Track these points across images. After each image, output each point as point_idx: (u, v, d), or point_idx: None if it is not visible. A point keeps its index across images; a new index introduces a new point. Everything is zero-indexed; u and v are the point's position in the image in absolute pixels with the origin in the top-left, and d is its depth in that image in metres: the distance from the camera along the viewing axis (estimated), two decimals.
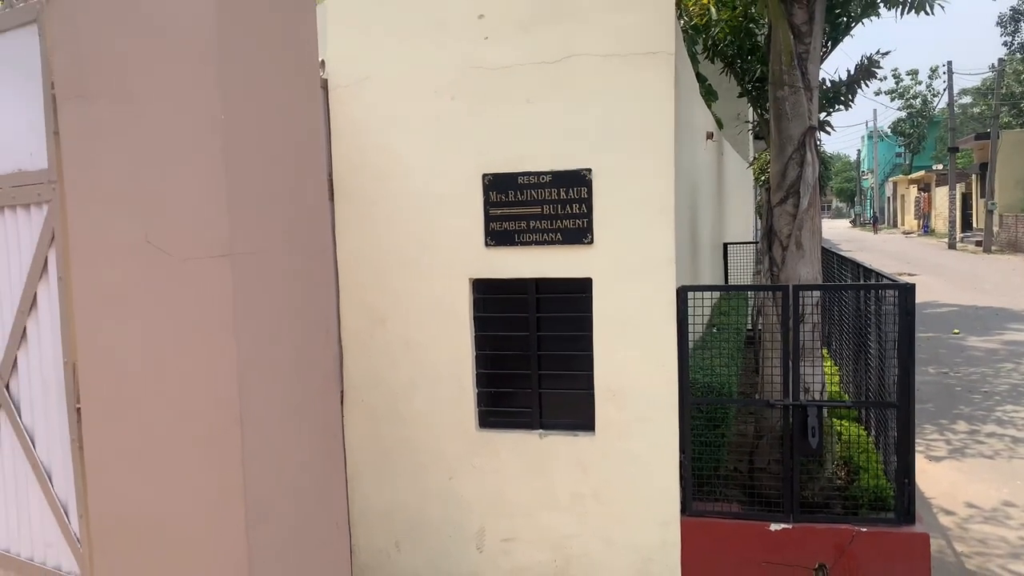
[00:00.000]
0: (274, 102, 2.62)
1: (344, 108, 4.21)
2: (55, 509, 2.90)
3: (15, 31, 2.82)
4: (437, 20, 4.09)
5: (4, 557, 3.08)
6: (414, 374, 4.23)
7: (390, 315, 4.24)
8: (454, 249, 4.12)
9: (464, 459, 4.20)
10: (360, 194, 4.21)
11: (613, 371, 3.96)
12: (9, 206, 2.92)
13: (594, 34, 3.86)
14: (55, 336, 2.83)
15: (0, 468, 3.07)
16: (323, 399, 2.85)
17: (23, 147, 2.86)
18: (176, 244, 2.46)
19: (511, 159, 4.01)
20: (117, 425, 2.61)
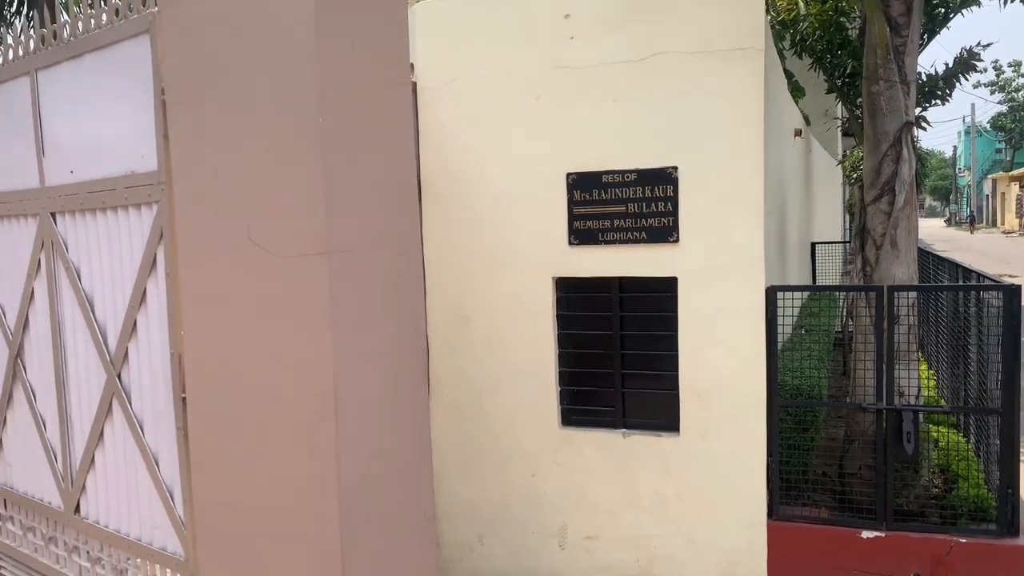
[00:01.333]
0: (368, 105, 2.69)
1: (431, 110, 4.30)
2: (161, 493, 3.05)
3: (129, 41, 2.98)
4: (523, 22, 4.13)
5: (115, 536, 3.27)
6: (498, 371, 4.28)
7: (474, 313, 4.30)
8: (537, 248, 4.15)
9: (547, 456, 4.23)
10: (445, 194, 4.29)
11: (699, 371, 3.92)
12: (122, 206, 3.09)
13: (681, 31, 3.83)
14: (163, 329, 2.98)
15: (113, 453, 3.26)
16: (413, 394, 2.92)
17: (135, 151, 3.02)
18: (276, 242, 2.56)
19: (595, 158, 4.01)
20: (219, 414, 2.73)
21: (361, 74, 2.64)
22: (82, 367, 3.36)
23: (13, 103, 3.54)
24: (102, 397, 3.25)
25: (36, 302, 3.55)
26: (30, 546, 3.81)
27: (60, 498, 3.54)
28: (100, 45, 3.08)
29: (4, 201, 3.65)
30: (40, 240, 3.45)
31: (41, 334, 3.54)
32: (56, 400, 3.49)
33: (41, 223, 3.43)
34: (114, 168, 3.09)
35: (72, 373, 3.41)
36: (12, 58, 3.52)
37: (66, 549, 3.56)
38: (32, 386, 3.66)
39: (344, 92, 2.56)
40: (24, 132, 3.48)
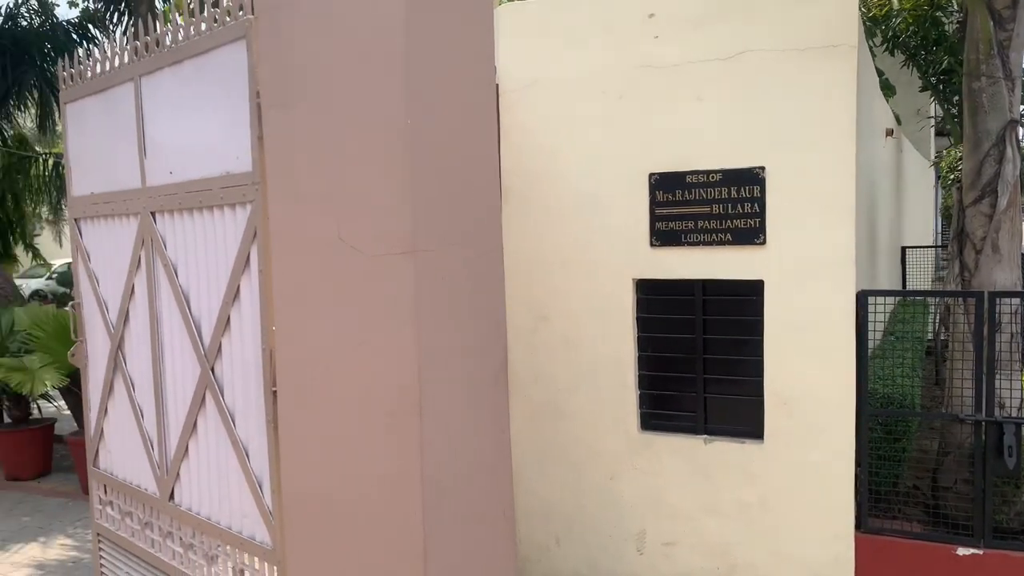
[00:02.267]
0: (453, 107, 2.73)
1: (513, 112, 4.31)
2: (251, 483, 3.15)
3: (226, 47, 3.09)
4: (606, 21, 4.11)
5: (207, 523, 3.39)
6: (575, 372, 4.27)
7: (553, 312, 4.30)
8: (618, 249, 4.12)
9: (625, 460, 4.19)
10: (525, 194, 4.30)
11: (785, 378, 3.82)
12: (218, 206, 3.20)
13: (770, 28, 3.74)
14: (255, 325, 3.08)
15: (206, 443, 3.38)
16: (493, 393, 2.94)
17: (231, 152, 3.13)
18: (365, 241, 2.62)
19: (679, 158, 3.96)
20: (308, 408, 2.81)
21: (447, 77, 2.68)
22: (178, 360, 3.50)
23: (118, 108, 3.73)
24: (196, 389, 3.38)
25: (136, 297, 3.72)
26: (128, 530, 3.99)
27: (156, 485, 3.70)
28: (199, 51, 3.21)
29: (108, 201, 3.83)
30: (140, 238, 3.61)
31: (140, 328, 3.71)
32: (153, 391, 3.65)
33: (142, 222, 3.59)
34: (211, 169, 3.21)
35: (168, 366, 3.56)
36: (118, 65, 3.70)
37: (161, 534, 3.71)
38: (131, 378, 3.84)
39: (431, 94, 2.60)
40: (128, 135, 3.65)
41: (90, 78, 3.95)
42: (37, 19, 10.21)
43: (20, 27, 10.06)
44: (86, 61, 3.99)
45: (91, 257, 4.07)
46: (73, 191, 4.18)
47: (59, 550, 5.80)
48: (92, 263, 4.06)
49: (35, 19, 10.21)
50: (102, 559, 4.24)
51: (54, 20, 10.21)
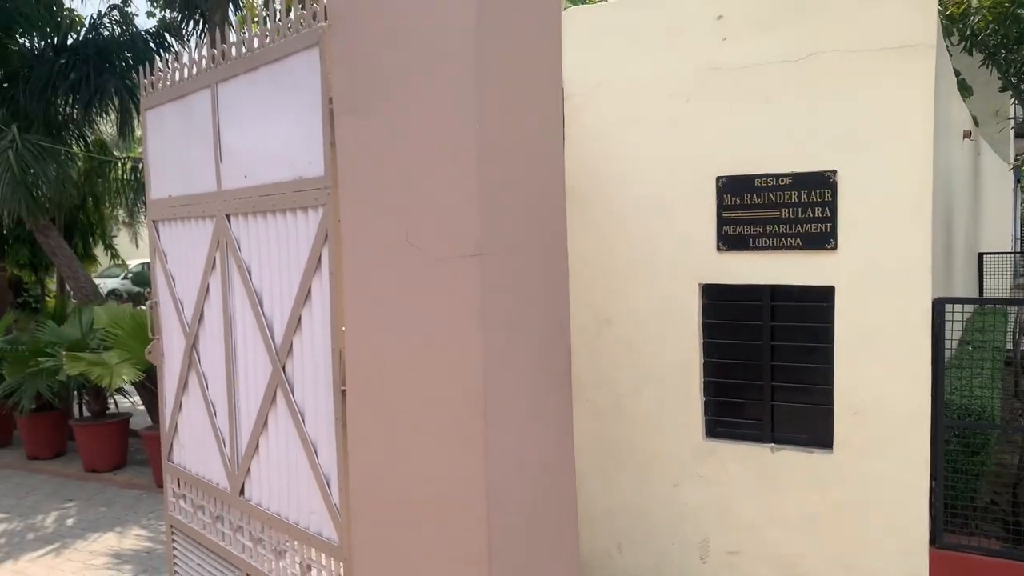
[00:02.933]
0: (522, 112, 2.75)
1: (578, 115, 4.31)
2: (319, 480, 3.21)
3: (300, 54, 3.17)
4: (673, 24, 4.08)
5: (275, 519, 3.48)
6: (639, 377, 4.24)
7: (616, 316, 4.28)
8: (683, 253, 4.08)
9: (689, 467, 4.14)
10: (589, 198, 4.29)
11: (856, 386, 3.72)
12: (290, 209, 3.29)
13: (843, 29, 3.66)
14: (325, 325, 3.14)
15: (276, 440, 3.47)
16: (557, 397, 2.94)
17: (303, 157, 3.21)
18: (432, 244, 2.65)
19: (747, 161, 3.90)
20: (376, 407, 2.86)
21: (516, 82, 2.69)
22: (250, 358, 3.60)
23: (195, 114, 3.85)
24: (267, 387, 3.47)
25: (211, 297, 3.84)
26: (199, 523, 4.12)
27: (227, 480, 3.81)
28: (273, 59, 3.30)
29: (185, 204, 3.97)
30: (216, 240, 3.73)
31: (215, 327, 3.83)
32: (226, 388, 3.76)
33: (217, 224, 3.71)
34: (284, 174, 3.29)
35: (241, 364, 3.66)
36: (195, 72, 3.83)
37: (231, 528, 3.82)
38: (205, 375, 3.96)
39: (499, 100, 2.62)
40: (204, 140, 3.78)
41: (169, 85, 4.09)
42: (118, 29, 10.63)
43: (102, 37, 10.49)
44: (165, 69, 4.14)
45: (168, 258, 4.22)
46: (152, 194, 4.34)
47: (134, 540, 6.02)
48: (169, 264, 4.21)
49: (116, 29, 10.63)
50: (175, 550, 4.38)
51: (134, 30, 10.62)
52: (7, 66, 10.55)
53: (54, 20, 10.91)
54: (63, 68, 9.72)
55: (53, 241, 9.08)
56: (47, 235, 9.03)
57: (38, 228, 8.93)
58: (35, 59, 10.35)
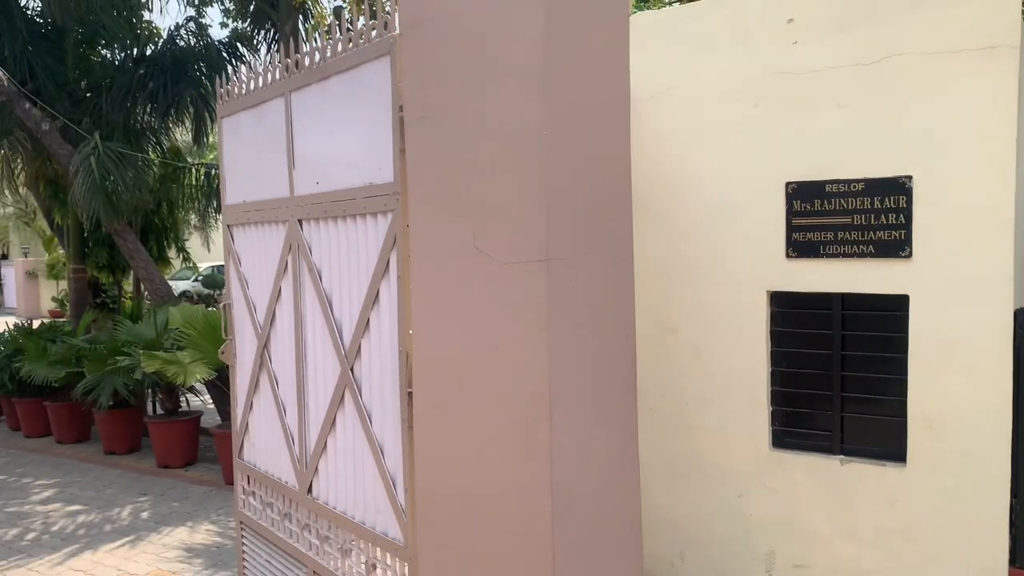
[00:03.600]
0: (589, 118, 2.75)
1: (644, 120, 4.29)
2: (385, 480, 3.27)
3: (371, 63, 3.25)
4: (742, 27, 4.03)
5: (342, 518, 3.54)
6: (704, 386, 4.19)
7: (681, 324, 4.24)
8: (751, 260, 4.02)
9: (755, 477, 4.07)
10: (654, 204, 4.27)
11: (931, 398, 3.60)
12: (360, 214, 3.36)
13: (920, 31, 3.56)
14: (393, 328, 3.20)
15: (343, 440, 3.54)
16: (622, 403, 2.93)
17: (374, 164, 3.27)
18: (499, 249, 2.68)
19: (818, 167, 3.82)
20: (442, 409, 2.89)
21: (584, 87, 2.70)
22: (319, 360, 3.68)
23: (269, 122, 3.97)
24: (336, 388, 3.55)
25: (282, 299, 3.95)
26: (268, 520, 4.23)
27: (295, 478, 3.90)
28: (345, 68, 3.38)
29: (259, 209, 4.09)
30: (288, 244, 3.83)
31: (286, 328, 3.93)
32: (296, 389, 3.85)
33: (289, 228, 3.81)
34: (354, 180, 3.37)
35: (311, 365, 3.75)
36: (270, 81, 3.95)
37: (299, 526, 3.91)
38: (276, 375, 4.07)
39: (567, 105, 2.63)
40: (278, 147, 3.89)
41: (244, 94, 4.23)
42: (194, 39, 11.02)
43: (179, 48, 10.89)
44: (241, 78, 4.27)
45: (242, 261, 4.35)
46: (227, 199, 4.49)
47: (204, 535, 6.21)
48: (243, 267, 4.34)
49: (192, 40, 11.03)
50: (244, 546, 4.51)
51: (208, 40, 10.99)
52: (90, 77, 11.05)
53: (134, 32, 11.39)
54: (142, 78, 10.13)
55: (130, 244, 9.45)
56: (125, 238, 9.39)
57: (116, 231, 9.30)
58: (116, 70, 10.81)
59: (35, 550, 5.99)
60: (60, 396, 9.43)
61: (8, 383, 9.82)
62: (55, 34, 10.48)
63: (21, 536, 6.31)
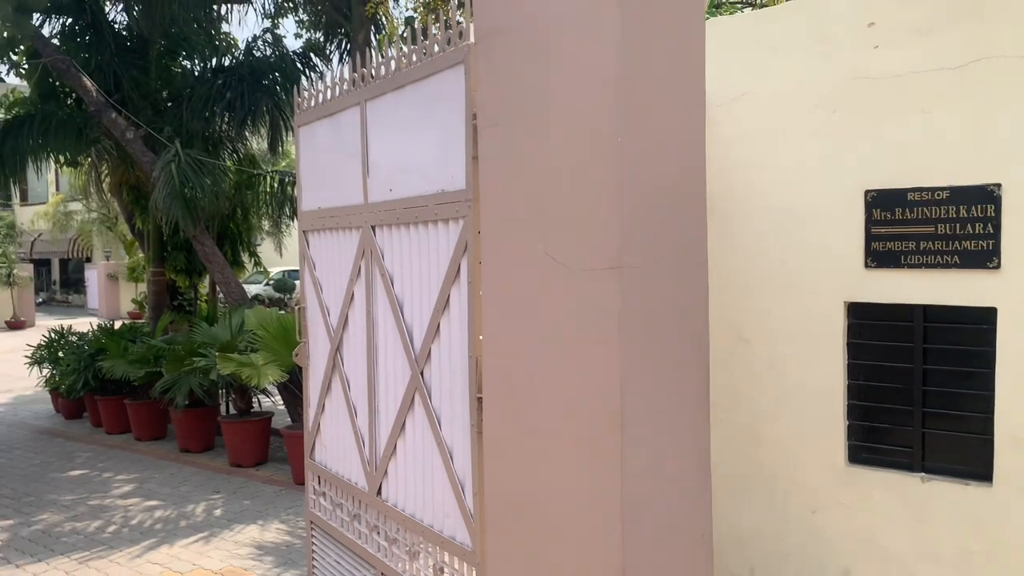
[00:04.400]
0: (664, 124, 2.73)
1: (717, 126, 4.23)
2: (454, 485, 3.29)
3: (445, 72, 3.28)
4: (820, 32, 3.94)
5: (411, 520, 3.58)
6: (776, 397, 4.09)
7: (753, 334, 4.16)
8: (827, 269, 3.91)
9: (830, 493, 3.95)
10: (728, 211, 4.20)
11: (1019, 416, 3.44)
12: (432, 221, 3.40)
13: (1011, 33, 3.42)
14: (463, 333, 3.22)
15: (413, 444, 3.58)
16: (695, 413, 2.89)
17: (446, 171, 3.31)
18: (571, 256, 2.67)
19: (899, 174, 3.70)
20: (511, 416, 2.90)
21: (659, 94, 2.68)
22: (390, 363, 3.73)
23: (344, 130, 4.06)
24: (406, 392, 3.59)
25: (355, 304, 4.02)
26: (338, 520, 4.30)
27: (365, 480, 3.96)
28: (419, 77, 3.43)
29: (334, 215, 4.18)
30: (361, 249, 3.90)
31: (358, 332, 4.00)
32: (367, 391, 3.92)
33: (363, 234, 3.88)
34: (427, 187, 3.41)
35: (382, 368, 3.81)
36: (346, 90, 4.04)
37: (368, 527, 3.96)
38: (347, 378, 4.14)
39: (642, 111, 2.62)
40: (352, 155, 3.97)
41: (320, 103, 4.33)
42: (269, 50, 11.36)
43: (255, 58, 11.23)
44: (317, 88, 4.38)
45: (316, 265, 4.45)
46: (303, 206, 4.60)
47: (275, 534, 6.36)
48: (317, 271, 4.44)
49: (268, 50, 11.36)
50: (314, 546, 4.59)
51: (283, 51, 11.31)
52: (172, 87, 11.49)
53: (213, 44, 11.81)
54: (221, 88, 10.48)
55: (208, 248, 9.76)
56: (203, 242, 9.71)
57: (194, 236, 9.63)
58: (196, 80, 11.21)
59: (116, 542, 6.23)
60: (139, 395, 9.80)
61: (92, 381, 10.25)
62: (140, 46, 10.94)
63: (103, 528, 6.57)
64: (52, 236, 30.22)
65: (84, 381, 10.31)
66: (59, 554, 5.99)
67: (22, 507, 7.20)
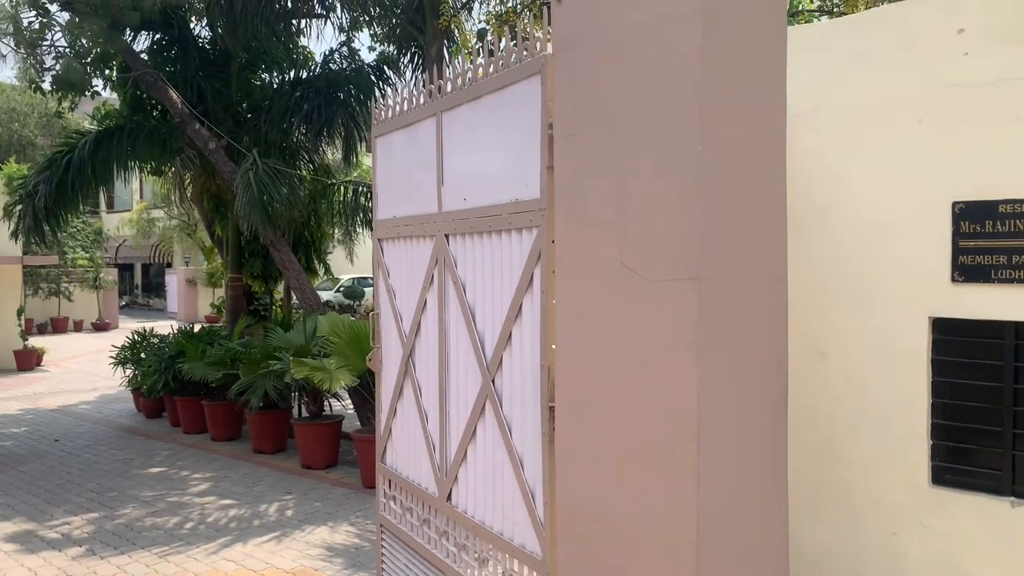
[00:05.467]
0: (744, 134, 2.70)
1: (797, 136, 4.14)
2: (524, 493, 3.29)
3: (521, 83, 3.31)
4: (904, 39, 3.83)
5: (480, 527, 3.60)
6: (855, 414, 3.97)
7: (831, 349, 4.05)
8: (910, 283, 3.79)
9: (911, 515, 3.81)
10: (807, 222, 4.11)
11: None
12: (505, 230, 3.42)
13: None
14: (535, 342, 3.23)
15: (483, 451, 3.60)
16: (772, 428, 2.83)
17: (520, 181, 3.33)
18: (648, 266, 2.66)
19: (990, 185, 3.56)
20: (583, 425, 2.89)
21: (739, 104, 2.65)
22: (461, 370, 3.77)
23: (420, 141, 4.13)
24: (477, 399, 3.62)
25: (427, 311, 4.08)
26: (407, 525, 4.35)
27: (435, 485, 4.00)
28: (495, 88, 3.47)
29: (408, 224, 4.25)
30: (434, 258, 3.96)
31: (430, 339, 4.06)
32: (438, 397, 3.96)
33: (436, 243, 3.93)
34: (501, 196, 3.44)
35: (453, 375, 3.85)
36: (423, 102, 4.11)
37: (437, 532, 4.00)
38: (419, 384, 4.20)
39: (722, 121, 2.59)
40: (428, 165, 4.03)
41: (397, 115, 4.42)
42: (345, 63, 11.64)
43: (331, 71, 11.53)
44: (395, 100, 4.47)
45: (390, 273, 4.53)
46: (378, 214, 4.69)
47: (344, 536, 6.47)
48: (391, 278, 4.52)
49: (344, 63, 11.65)
50: (383, 549, 4.66)
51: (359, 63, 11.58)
52: (251, 99, 11.88)
53: (291, 57, 12.17)
54: (298, 100, 10.79)
55: (284, 255, 10.04)
56: (279, 249, 9.99)
57: (272, 242, 9.91)
58: (275, 92, 11.57)
59: (193, 539, 6.43)
60: (216, 396, 10.12)
61: (171, 382, 10.65)
62: (222, 60, 11.36)
63: (181, 525, 6.79)
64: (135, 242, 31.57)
65: (164, 382, 10.72)
66: (140, 548, 6.22)
67: (106, 501, 7.50)
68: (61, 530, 6.69)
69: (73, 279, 26.81)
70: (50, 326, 26.30)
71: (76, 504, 7.43)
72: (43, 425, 11.39)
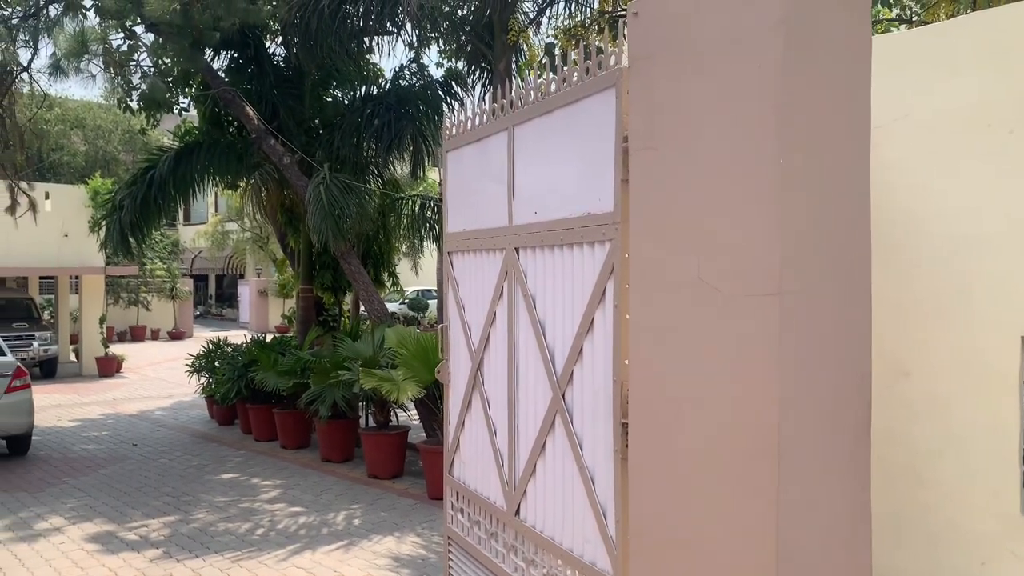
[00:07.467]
0: (826, 147, 2.63)
1: (878, 148, 4.00)
2: (595, 510, 3.26)
3: (595, 96, 3.30)
4: (993, 47, 3.68)
5: (549, 543, 3.57)
6: (940, 436, 3.81)
7: (915, 367, 3.89)
8: (1001, 300, 3.62)
9: (1000, 544, 3.63)
10: (889, 236, 3.97)
11: None
12: (578, 243, 3.41)
13: None
14: (607, 357, 3.20)
15: (553, 466, 3.57)
16: (854, 448, 2.74)
17: (593, 194, 3.32)
18: (726, 281, 2.61)
19: None
20: (657, 443, 2.85)
21: (821, 115, 2.59)
22: (531, 384, 3.76)
23: (491, 155, 4.15)
24: (547, 413, 3.60)
25: (497, 324, 4.09)
26: (475, 538, 4.35)
27: (504, 499, 3.99)
28: (568, 101, 3.47)
29: (478, 237, 4.27)
30: (504, 271, 3.97)
31: (499, 352, 4.06)
32: (507, 411, 3.96)
33: (506, 256, 3.94)
34: (572, 210, 3.43)
35: (522, 388, 3.84)
36: (494, 116, 4.14)
37: (505, 546, 3.98)
38: (488, 396, 4.20)
39: (804, 134, 2.53)
40: (499, 179, 4.05)
41: (468, 129, 4.46)
42: (414, 79, 11.83)
43: (401, 87, 11.73)
44: (466, 114, 4.51)
45: (460, 286, 4.56)
46: (448, 227, 4.73)
47: (410, 547, 6.51)
48: (460, 291, 4.55)
49: (412, 79, 11.84)
50: (451, 561, 4.67)
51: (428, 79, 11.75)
52: (323, 115, 12.17)
53: (361, 74, 12.44)
54: (369, 116, 11.01)
55: (354, 267, 10.22)
56: (349, 261, 10.18)
57: (342, 255, 10.11)
58: (346, 108, 11.83)
59: (264, 545, 6.57)
60: (286, 405, 10.34)
61: (243, 390, 10.93)
62: (296, 77, 11.68)
63: (252, 531, 6.94)
64: (210, 254, 32.62)
65: (237, 390, 11.01)
66: (214, 552, 6.38)
67: (181, 505, 7.73)
68: (139, 532, 6.91)
69: (151, 289, 27.89)
70: (129, 334, 27.38)
71: (153, 507, 7.67)
72: (122, 430, 11.83)
